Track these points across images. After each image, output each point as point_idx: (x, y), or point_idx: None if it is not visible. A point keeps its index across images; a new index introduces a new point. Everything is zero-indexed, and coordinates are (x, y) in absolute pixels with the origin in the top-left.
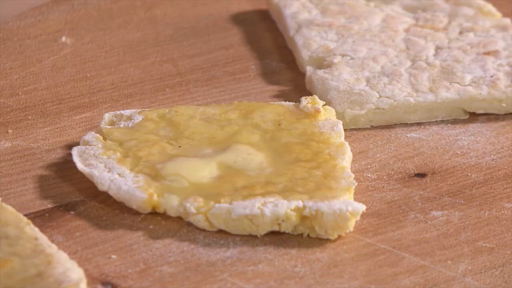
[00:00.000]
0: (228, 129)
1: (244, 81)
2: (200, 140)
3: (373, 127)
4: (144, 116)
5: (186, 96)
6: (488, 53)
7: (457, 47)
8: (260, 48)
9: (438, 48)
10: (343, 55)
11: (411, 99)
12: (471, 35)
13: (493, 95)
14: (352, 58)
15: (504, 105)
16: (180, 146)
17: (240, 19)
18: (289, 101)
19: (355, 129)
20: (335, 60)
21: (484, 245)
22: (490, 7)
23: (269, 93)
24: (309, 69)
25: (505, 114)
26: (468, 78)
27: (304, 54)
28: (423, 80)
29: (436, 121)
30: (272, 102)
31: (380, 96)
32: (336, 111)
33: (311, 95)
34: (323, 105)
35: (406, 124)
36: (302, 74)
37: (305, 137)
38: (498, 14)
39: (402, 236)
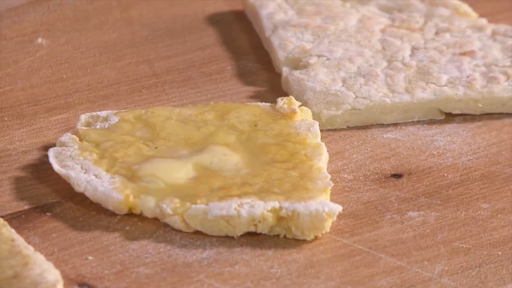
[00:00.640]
0: (204, 130)
1: (220, 82)
2: (176, 141)
3: (349, 128)
4: (120, 117)
5: (162, 97)
6: (464, 54)
7: (433, 47)
8: (236, 49)
9: (414, 49)
10: (319, 56)
11: (387, 100)
12: (447, 35)
13: (469, 95)
14: (328, 59)
15: (480, 105)
16: (156, 147)
17: (216, 20)
18: (265, 102)
19: (331, 130)
20: (311, 61)
21: (460, 245)
22: (466, 7)
23: (245, 94)
24: (285, 70)
25: (481, 114)
26: (444, 78)
27: (280, 55)
28: (399, 80)
29: (413, 121)
30: (248, 103)
31: (356, 97)
32: (312, 111)
33: (287, 96)
34: (299, 106)
35: (382, 125)
36: (278, 75)
37: (281, 138)
38: (474, 15)
39: (379, 236)
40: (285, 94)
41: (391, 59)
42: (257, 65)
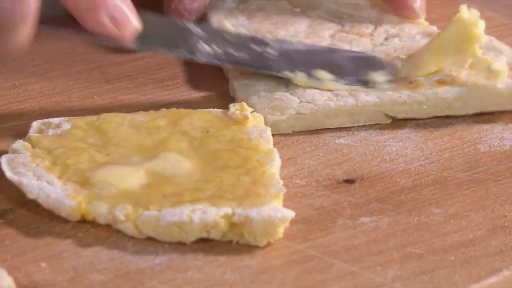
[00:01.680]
0: (156, 137)
1: (172, 88)
2: (128, 148)
3: (301, 133)
4: (73, 124)
5: (114, 104)
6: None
7: (381, 51)
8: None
9: None
10: None
11: (332, 104)
12: (396, 40)
13: (413, 97)
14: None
15: (425, 107)
16: (108, 154)
17: None
18: (216, 108)
19: (284, 135)
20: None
21: (413, 251)
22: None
23: (197, 100)
24: (232, 75)
25: (433, 120)
26: (387, 84)
27: None
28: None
29: (365, 127)
30: (200, 109)
31: (301, 101)
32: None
33: (236, 102)
34: (251, 112)
35: (334, 130)
36: (228, 81)
37: (233, 144)
38: (425, 22)
39: (331, 242)
40: (234, 99)
41: None
42: (208, 71)
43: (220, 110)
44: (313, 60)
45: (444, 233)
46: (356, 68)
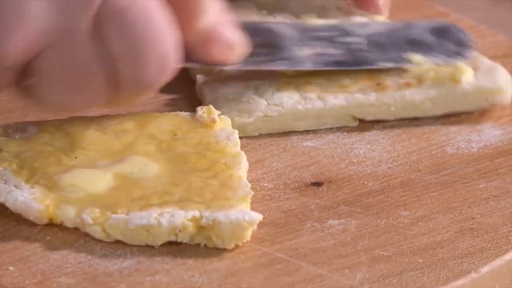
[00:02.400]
0: (124, 140)
1: None
2: (96, 151)
3: (269, 136)
4: (40, 128)
5: None
6: None
7: None
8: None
9: None
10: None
11: (300, 107)
12: None
13: (381, 100)
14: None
15: (393, 109)
16: (76, 157)
17: None
18: (184, 111)
19: (251, 138)
20: (225, 68)
21: (381, 253)
22: (382, 18)
23: (164, 102)
24: (199, 78)
25: (401, 122)
26: (356, 85)
27: None
28: (311, 87)
29: (332, 129)
30: (167, 112)
31: (269, 104)
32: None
33: (203, 104)
34: (218, 115)
35: (302, 133)
36: (195, 83)
37: (201, 147)
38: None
39: (299, 245)
40: (201, 102)
41: None
42: (176, 74)
43: (187, 113)
44: (399, 41)
45: (412, 235)
46: (439, 40)
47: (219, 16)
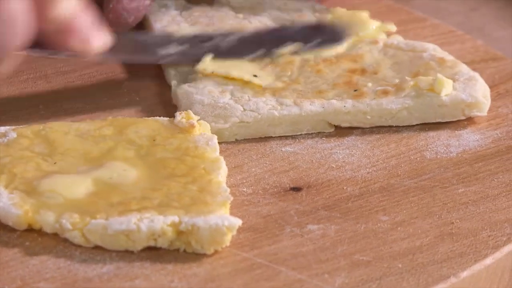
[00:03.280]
0: (103, 145)
1: (117, 96)
2: (75, 157)
3: (248, 141)
4: (19, 133)
5: (60, 113)
6: (353, 71)
7: (323, 59)
8: (133, 64)
9: (304, 61)
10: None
11: (275, 112)
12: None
13: (358, 107)
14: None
15: (369, 117)
16: (55, 163)
17: None
18: (162, 116)
19: (230, 143)
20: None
21: (360, 258)
22: (365, 17)
23: (143, 108)
24: (174, 83)
25: (379, 127)
26: (332, 92)
27: (170, 68)
28: (287, 93)
29: (311, 134)
30: (146, 118)
31: (245, 110)
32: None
33: (179, 110)
34: (198, 120)
35: (281, 138)
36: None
37: (180, 152)
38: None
39: (279, 250)
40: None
41: (279, 73)
42: (153, 80)
43: (166, 119)
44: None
45: (392, 240)
46: (312, 34)
47: (77, 9)
